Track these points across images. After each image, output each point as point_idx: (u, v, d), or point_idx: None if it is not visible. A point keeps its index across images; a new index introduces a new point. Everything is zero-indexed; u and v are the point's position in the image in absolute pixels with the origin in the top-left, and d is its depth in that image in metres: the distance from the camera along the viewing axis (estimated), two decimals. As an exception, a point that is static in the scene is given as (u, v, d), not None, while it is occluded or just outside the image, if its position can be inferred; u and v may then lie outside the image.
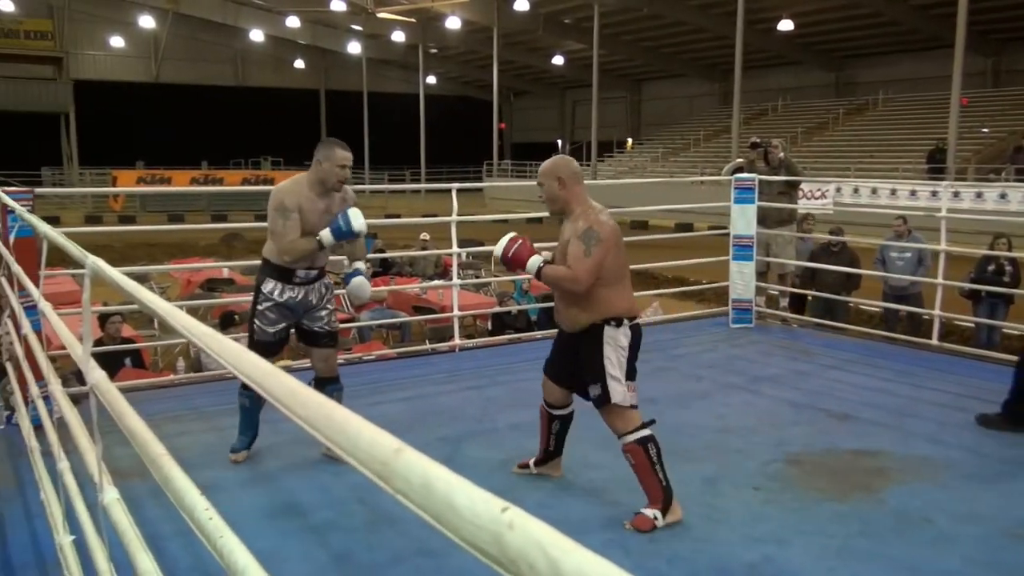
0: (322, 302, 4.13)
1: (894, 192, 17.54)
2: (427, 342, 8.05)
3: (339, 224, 3.89)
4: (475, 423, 4.71)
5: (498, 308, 8.56)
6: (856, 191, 18.42)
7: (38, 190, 5.10)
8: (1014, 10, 22.86)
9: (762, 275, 7.22)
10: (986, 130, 23.72)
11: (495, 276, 11.53)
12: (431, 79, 41.00)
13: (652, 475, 3.35)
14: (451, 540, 0.61)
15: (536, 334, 7.13)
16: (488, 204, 30.12)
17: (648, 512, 3.33)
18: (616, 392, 3.39)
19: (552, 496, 3.68)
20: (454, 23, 32.94)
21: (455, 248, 6.55)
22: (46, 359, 2.94)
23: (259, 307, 4.04)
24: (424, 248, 11.58)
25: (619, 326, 3.44)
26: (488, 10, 32.21)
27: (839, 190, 18.15)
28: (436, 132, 39.17)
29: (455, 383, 5.62)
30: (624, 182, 10.35)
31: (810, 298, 8.15)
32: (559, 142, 42.17)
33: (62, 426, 2.47)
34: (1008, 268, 7.73)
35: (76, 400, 2.71)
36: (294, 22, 36.12)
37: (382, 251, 11.77)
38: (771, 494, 3.71)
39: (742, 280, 7.05)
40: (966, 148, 22.05)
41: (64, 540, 2.55)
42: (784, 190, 7.28)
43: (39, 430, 3.64)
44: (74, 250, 2.07)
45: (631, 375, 3.47)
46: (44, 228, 2.71)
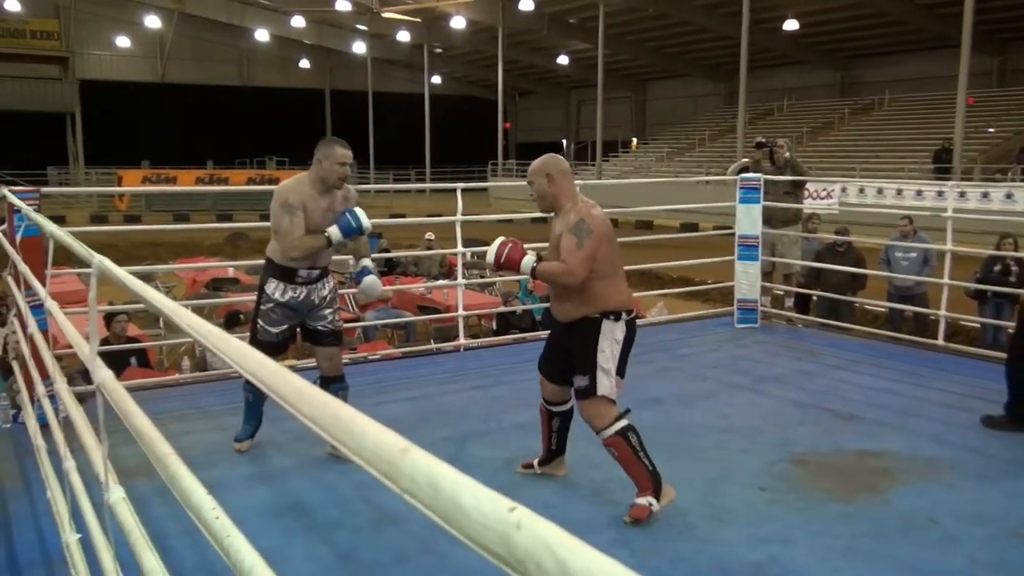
0: (325, 301, 4.13)
1: (900, 192, 17.50)
2: (432, 342, 8.05)
3: (348, 221, 3.93)
4: (480, 423, 4.71)
5: (503, 308, 8.56)
6: (862, 191, 18.39)
7: (44, 189, 5.11)
8: (1020, 9, 22.80)
9: (767, 275, 7.22)
10: (992, 130, 23.67)
11: (499, 276, 11.53)
12: (436, 79, 41.04)
13: (637, 463, 3.38)
14: (455, 539, 0.61)
15: (541, 334, 7.11)
16: (493, 204, 30.11)
17: (642, 500, 3.37)
18: (603, 385, 3.42)
19: (557, 495, 3.68)
20: (459, 23, 32.98)
21: (460, 248, 6.55)
22: (52, 358, 2.95)
23: (262, 307, 4.06)
24: (429, 248, 11.58)
25: (617, 320, 3.46)
26: (493, 10, 32.22)
27: (844, 190, 18.12)
28: (441, 132, 39.19)
29: (460, 383, 5.62)
30: (629, 182, 10.34)
31: (815, 298, 8.13)
32: (564, 142, 42.16)
33: (68, 425, 2.48)
34: (1014, 268, 7.70)
35: (81, 399, 2.71)
36: (299, 22, 36.18)
37: (387, 251, 11.77)
38: (776, 494, 3.70)
39: (747, 280, 7.04)
40: (972, 148, 22.00)
41: (70, 539, 2.56)
42: (790, 190, 7.26)
43: (45, 429, 3.65)
44: (81, 249, 2.08)
45: (621, 370, 3.49)
46: (51, 227, 2.72)
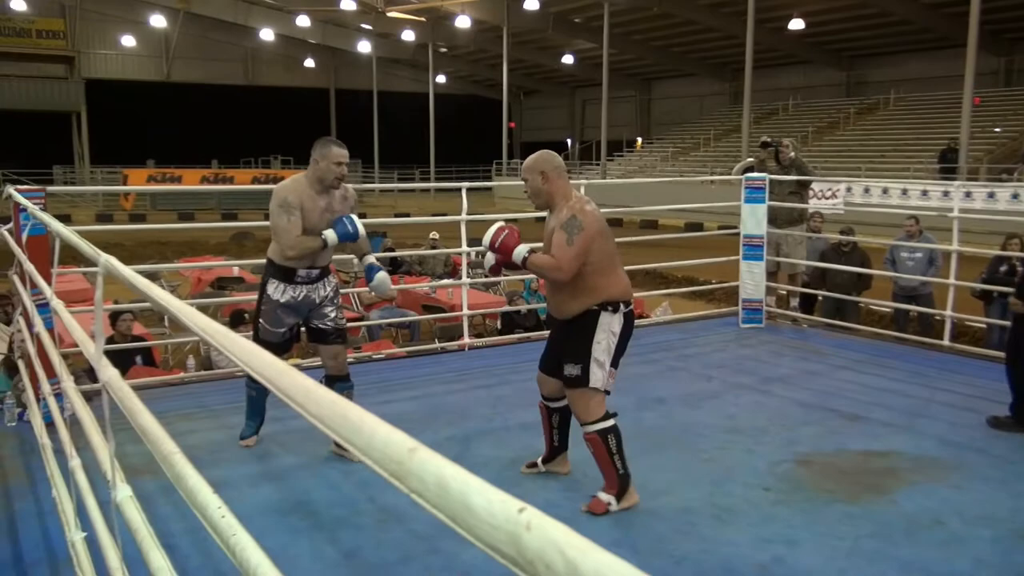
0: (326, 300, 4.16)
1: (905, 192, 17.45)
2: (436, 341, 8.05)
3: (345, 226, 3.97)
4: (484, 422, 4.71)
5: (508, 307, 8.55)
6: (867, 191, 18.35)
7: (50, 188, 5.12)
8: (1027, 9, 22.74)
9: (772, 275, 7.21)
10: (998, 130, 23.59)
11: (504, 275, 11.51)
12: (441, 78, 41.04)
13: (610, 464, 3.47)
14: (461, 539, 0.61)
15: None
16: (497, 203, 30.11)
17: (603, 496, 3.47)
18: (596, 377, 3.44)
19: (561, 495, 3.68)
20: (464, 22, 32.96)
21: (464, 247, 6.55)
22: (58, 356, 2.96)
23: (263, 307, 4.10)
24: (433, 247, 11.59)
25: (615, 312, 3.48)
26: (498, 9, 32.21)
27: (850, 190, 18.08)
28: (445, 131, 39.20)
29: (464, 382, 5.62)
30: (634, 181, 10.32)
31: (820, 298, 8.11)
32: (568, 141, 42.13)
33: (74, 423, 2.48)
34: (1020, 268, 7.67)
35: (87, 397, 2.72)
36: (304, 21, 36.19)
37: (391, 250, 11.78)
38: (781, 495, 3.70)
39: (752, 280, 7.03)
40: (978, 148, 21.94)
41: (76, 537, 2.56)
42: (795, 190, 7.25)
43: (51, 427, 3.66)
44: (87, 248, 2.08)
45: (616, 362, 3.52)
46: (57, 226, 2.72)
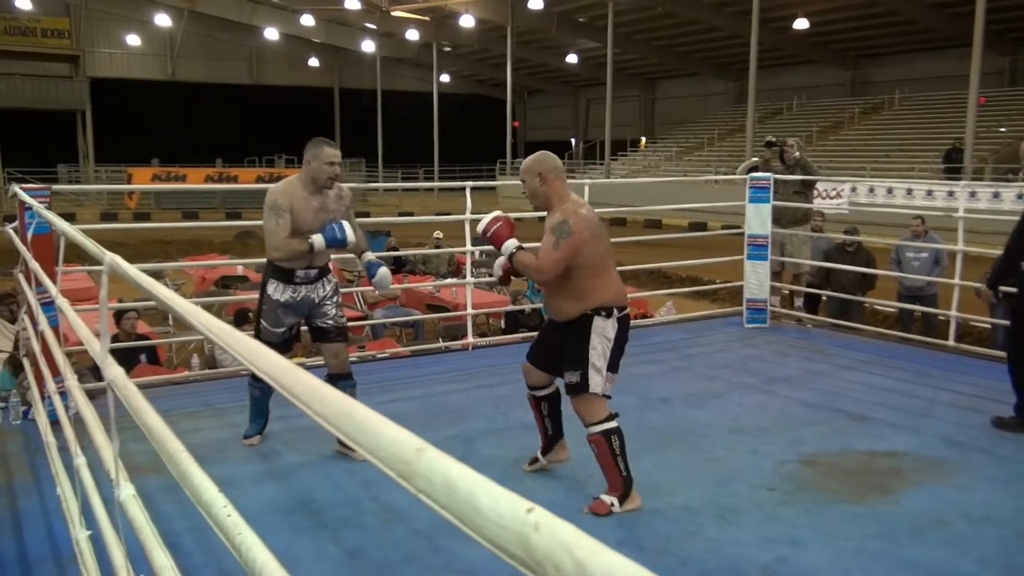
0: (326, 299, 4.19)
1: (910, 192, 17.42)
2: (440, 340, 8.05)
3: (333, 232, 3.99)
4: (488, 421, 4.71)
5: (511, 307, 8.55)
6: (872, 191, 18.32)
7: (55, 187, 5.13)
8: (1033, 8, 22.66)
9: (777, 275, 7.19)
10: (1004, 129, 23.52)
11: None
12: (445, 77, 41.03)
13: (613, 466, 3.48)
14: (464, 538, 0.60)
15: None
16: (501, 203, 30.09)
17: (606, 498, 3.48)
18: (595, 382, 3.48)
19: (565, 496, 3.68)
20: (468, 21, 32.93)
21: (469, 247, 6.55)
22: (63, 355, 2.96)
23: (264, 307, 4.16)
24: (437, 246, 11.58)
25: (608, 317, 3.50)
26: (502, 8, 32.19)
27: (854, 190, 18.07)
28: (450, 130, 39.18)
29: (468, 381, 5.62)
30: (638, 181, 10.30)
31: (824, 298, 8.09)
32: (572, 141, 42.11)
33: (78, 422, 2.48)
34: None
35: (91, 396, 2.72)
36: (309, 20, 36.21)
37: (395, 249, 11.78)
38: (786, 495, 3.69)
39: (756, 280, 7.02)
40: (983, 148, 21.88)
41: (80, 535, 2.57)
42: (799, 189, 7.24)
43: (55, 425, 3.66)
44: (92, 247, 2.08)
45: (613, 367, 3.54)
46: (62, 225, 2.72)
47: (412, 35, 36.75)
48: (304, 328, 4.34)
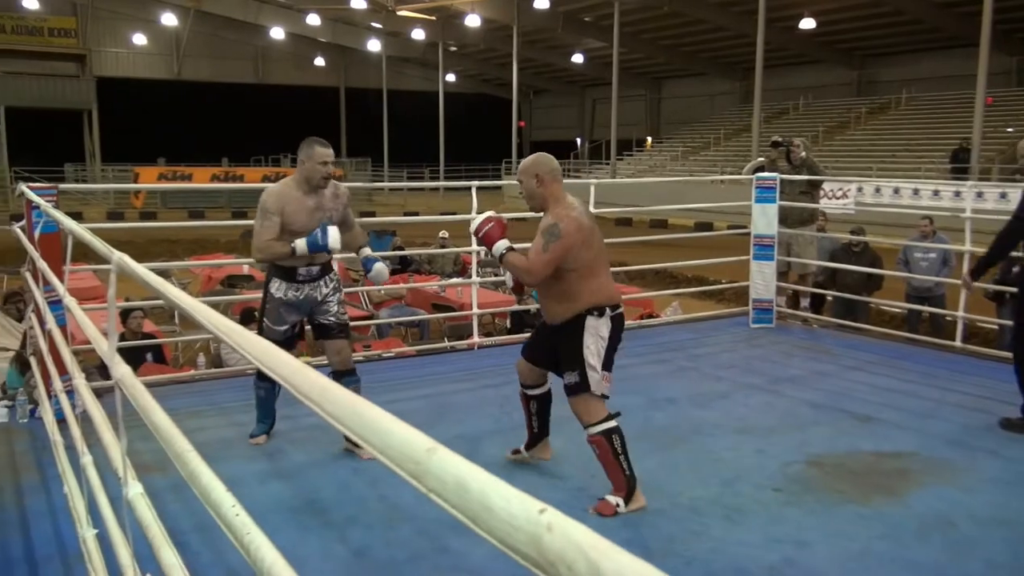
0: (328, 297, 4.22)
1: (916, 192, 17.38)
2: (446, 340, 8.05)
3: (316, 238, 3.98)
4: (493, 421, 4.71)
5: (517, 306, 8.54)
6: (878, 191, 18.27)
7: (62, 186, 5.15)
8: (1040, 8, 22.57)
9: (783, 275, 7.18)
10: (1011, 129, 23.44)
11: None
12: (450, 77, 41.04)
13: (616, 465, 3.48)
14: (470, 538, 0.60)
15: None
16: (507, 202, 30.07)
17: (611, 499, 3.48)
18: (593, 382, 3.50)
19: (571, 497, 3.68)
20: (474, 21, 32.94)
21: (474, 246, 6.54)
22: (70, 354, 2.97)
23: (267, 305, 4.21)
24: (443, 246, 11.59)
25: (600, 316, 3.52)
26: (508, 8, 32.18)
27: (861, 190, 18.03)
28: (455, 130, 39.17)
29: (474, 381, 5.62)
30: (644, 181, 10.31)
31: (830, 299, 8.07)
32: (578, 140, 42.08)
33: (85, 420, 2.49)
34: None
35: (97, 394, 2.73)
36: (314, 20, 36.25)
37: (401, 248, 11.78)
38: (791, 496, 3.69)
39: (763, 280, 7.00)
40: (990, 148, 21.81)
41: (87, 533, 2.57)
42: (806, 190, 7.22)
43: (62, 424, 3.68)
44: (100, 246, 2.09)
45: (608, 365, 3.55)
46: (69, 224, 2.73)
47: (418, 34, 36.77)
48: (308, 327, 4.37)
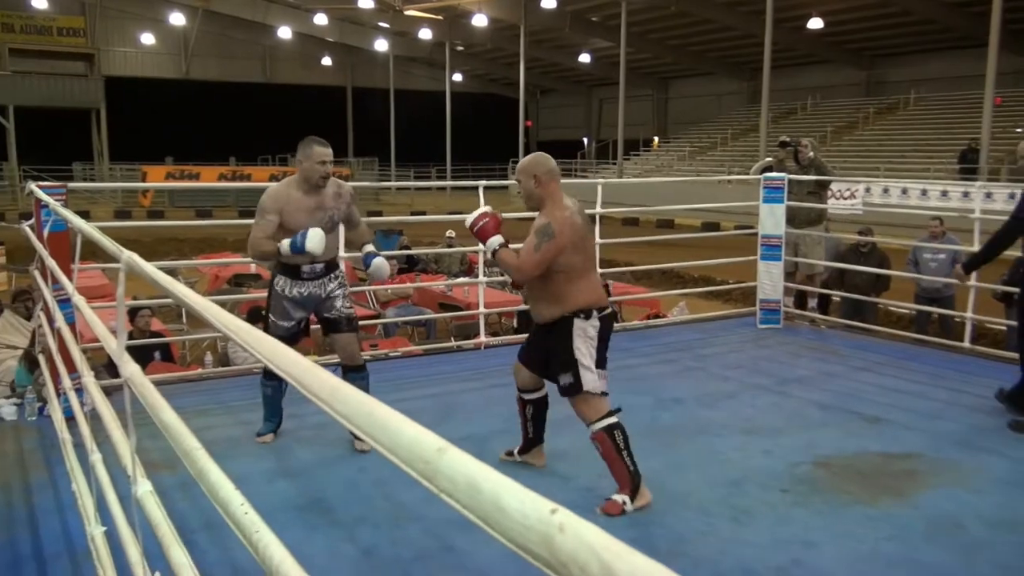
0: (333, 293, 4.25)
1: (925, 192, 17.32)
2: (453, 339, 8.06)
3: (296, 239, 3.98)
4: (501, 421, 4.70)
5: (524, 306, 8.54)
6: (886, 191, 18.21)
7: (70, 185, 5.17)
8: (1050, 8, 22.45)
9: (790, 275, 7.16)
10: (1020, 130, 23.34)
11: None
12: (457, 76, 41.06)
13: (619, 461, 3.49)
14: (476, 537, 0.60)
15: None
16: (513, 201, 30.09)
17: (617, 497, 3.48)
18: (588, 380, 3.52)
19: (578, 497, 3.67)
20: (481, 20, 32.93)
21: (481, 246, 6.53)
22: (79, 351, 2.98)
23: (272, 302, 4.24)
24: (450, 245, 11.59)
25: (588, 319, 3.54)
26: (515, 7, 32.18)
27: (868, 190, 17.96)
28: (462, 129, 39.19)
29: (481, 380, 5.62)
30: (651, 181, 10.32)
31: (835, 299, 8.04)
32: (585, 140, 42.05)
33: (94, 418, 2.49)
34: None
35: (106, 392, 2.73)
36: (322, 19, 36.29)
37: (407, 248, 11.79)
38: (799, 496, 3.68)
39: (770, 280, 6.99)
40: (999, 148, 21.72)
41: (95, 531, 2.58)
42: (814, 190, 7.21)
43: (71, 422, 3.69)
44: (109, 244, 2.09)
45: (602, 364, 3.58)
46: (78, 222, 2.74)
47: (425, 34, 36.79)
48: (315, 326, 4.39)
